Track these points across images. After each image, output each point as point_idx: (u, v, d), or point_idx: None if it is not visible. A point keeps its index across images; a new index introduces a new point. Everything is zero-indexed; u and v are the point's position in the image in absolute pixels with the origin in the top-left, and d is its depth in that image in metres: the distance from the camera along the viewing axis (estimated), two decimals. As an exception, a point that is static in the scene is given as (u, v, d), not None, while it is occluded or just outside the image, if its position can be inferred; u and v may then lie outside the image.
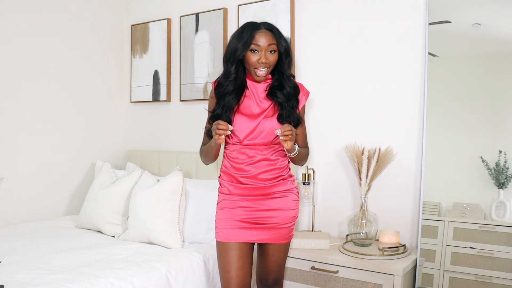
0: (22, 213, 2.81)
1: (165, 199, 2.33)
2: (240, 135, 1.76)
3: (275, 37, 1.74)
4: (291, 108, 1.77)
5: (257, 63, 1.72)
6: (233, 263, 1.75)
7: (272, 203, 1.81)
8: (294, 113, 1.78)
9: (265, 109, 1.77)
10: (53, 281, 1.74)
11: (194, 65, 3.08)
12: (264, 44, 1.71)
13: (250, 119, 1.76)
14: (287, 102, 1.77)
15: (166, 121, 3.27)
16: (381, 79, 2.47)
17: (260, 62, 1.71)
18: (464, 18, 2.25)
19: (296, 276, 2.29)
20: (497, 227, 2.13)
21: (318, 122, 2.65)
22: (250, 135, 1.76)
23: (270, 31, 1.74)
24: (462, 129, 2.28)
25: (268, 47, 1.71)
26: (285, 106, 1.76)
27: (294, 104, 1.79)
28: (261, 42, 1.71)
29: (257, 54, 1.72)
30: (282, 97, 1.77)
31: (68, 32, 3.04)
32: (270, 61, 1.73)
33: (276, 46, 1.74)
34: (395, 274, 2.02)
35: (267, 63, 1.72)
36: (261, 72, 1.74)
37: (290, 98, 1.78)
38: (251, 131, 1.75)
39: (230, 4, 2.94)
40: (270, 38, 1.72)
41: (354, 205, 2.54)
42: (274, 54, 1.74)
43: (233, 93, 1.77)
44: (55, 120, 2.98)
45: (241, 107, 1.78)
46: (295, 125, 1.78)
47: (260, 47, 1.71)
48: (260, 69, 1.73)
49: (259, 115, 1.77)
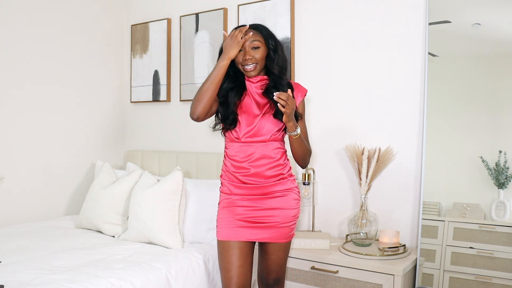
0: (22, 213, 2.81)
1: (165, 199, 2.33)
2: (240, 132, 1.79)
3: (261, 34, 1.80)
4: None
5: (242, 61, 1.78)
6: (233, 262, 1.76)
7: (273, 202, 1.81)
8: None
9: (262, 107, 1.81)
10: (53, 281, 1.74)
11: (194, 65, 3.08)
12: (246, 42, 1.77)
13: (249, 117, 1.80)
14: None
15: (166, 121, 3.27)
16: (381, 79, 2.47)
17: (244, 59, 1.77)
18: (464, 18, 2.25)
19: (296, 276, 2.29)
20: (497, 227, 2.13)
21: (318, 122, 2.65)
22: (249, 133, 1.79)
23: (254, 30, 1.80)
24: (462, 129, 2.28)
25: (250, 44, 1.77)
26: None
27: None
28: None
29: (241, 53, 1.78)
30: None
31: (68, 32, 3.04)
32: (255, 57, 1.77)
33: (260, 43, 1.78)
34: (395, 274, 2.02)
35: (251, 58, 1.77)
36: (248, 67, 1.78)
37: None
38: (250, 129, 1.78)
39: (230, 4, 2.94)
40: (253, 36, 1.78)
41: (354, 205, 2.54)
42: (257, 50, 1.78)
43: (234, 91, 1.83)
44: (55, 120, 2.98)
45: (242, 104, 1.82)
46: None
47: (243, 46, 1.77)
48: (247, 65, 1.78)
49: (257, 113, 1.80)
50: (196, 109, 1.74)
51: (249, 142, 1.79)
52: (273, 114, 1.79)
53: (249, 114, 1.81)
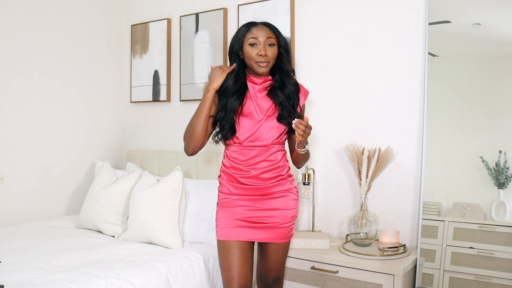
0: (22, 213, 2.81)
1: (165, 199, 2.33)
2: (241, 136, 1.76)
3: (274, 32, 1.76)
4: (291, 107, 1.77)
5: (257, 57, 1.72)
6: (234, 261, 1.76)
7: (272, 203, 1.81)
8: (294, 113, 1.77)
9: (266, 111, 1.77)
10: (53, 281, 1.74)
11: (194, 65, 3.08)
12: (262, 37, 1.72)
13: (251, 121, 1.76)
14: (288, 101, 1.77)
15: (166, 121, 3.27)
16: (381, 79, 2.47)
17: (260, 55, 1.71)
18: (464, 18, 2.25)
19: (296, 276, 2.29)
20: (497, 227, 2.13)
21: (318, 122, 2.64)
22: (251, 137, 1.76)
23: (267, 27, 1.76)
24: (462, 129, 2.28)
25: (267, 40, 1.72)
26: (285, 105, 1.76)
27: (295, 102, 1.79)
28: (259, 35, 1.72)
29: (256, 48, 1.72)
30: (282, 96, 1.77)
31: (68, 33, 3.04)
32: (270, 55, 1.73)
33: (275, 40, 1.74)
34: (395, 274, 2.02)
35: (267, 55, 1.72)
36: (263, 66, 1.73)
37: (290, 97, 1.78)
38: (252, 133, 1.76)
39: (230, 4, 2.94)
40: (268, 32, 1.74)
41: (354, 205, 2.54)
42: (273, 48, 1.74)
43: (235, 95, 1.77)
44: (55, 120, 2.98)
45: (244, 109, 1.78)
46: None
47: (258, 40, 1.72)
48: (261, 63, 1.73)
49: (260, 117, 1.77)
50: (189, 148, 1.79)
51: (251, 146, 1.77)
52: (277, 118, 1.76)
53: (251, 118, 1.77)
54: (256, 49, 1.72)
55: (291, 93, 1.78)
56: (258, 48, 1.72)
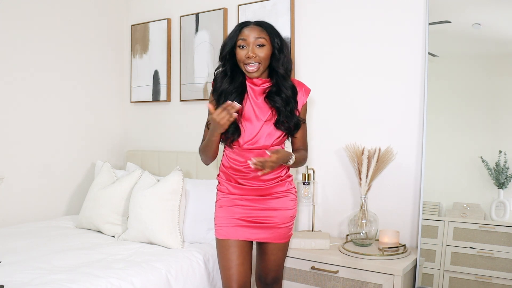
0: (22, 213, 2.81)
1: (165, 199, 2.33)
2: (242, 140, 1.75)
3: (266, 31, 1.71)
4: (289, 112, 1.74)
5: (245, 59, 1.69)
6: (233, 260, 1.76)
7: (271, 203, 1.81)
8: (292, 118, 1.74)
9: (265, 114, 1.75)
10: (53, 281, 1.74)
11: (194, 65, 3.08)
12: (250, 39, 1.68)
13: (251, 124, 1.75)
14: (285, 107, 1.73)
15: (166, 121, 3.27)
16: (381, 79, 2.47)
17: (247, 57, 1.68)
18: (464, 18, 2.25)
19: (296, 276, 2.29)
20: (497, 227, 2.13)
21: (318, 122, 2.65)
22: (251, 140, 1.74)
23: (259, 26, 1.71)
24: (462, 129, 2.28)
25: (255, 40, 1.68)
26: (282, 111, 1.73)
27: (293, 107, 1.76)
28: (248, 37, 1.68)
29: (244, 50, 1.69)
30: (280, 102, 1.73)
31: (68, 32, 3.04)
32: (259, 56, 1.68)
33: (265, 40, 1.69)
34: (395, 274, 2.02)
35: (255, 57, 1.68)
36: (251, 68, 1.69)
37: (288, 102, 1.74)
38: (252, 137, 1.74)
39: (230, 4, 2.94)
40: (258, 32, 1.69)
41: (354, 205, 2.54)
42: (262, 48, 1.69)
43: (234, 94, 1.74)
44: (55, 120, 2.98)
45: (244, 112, 1.75)
46: (294, 129, 1.77)
47: (247, 42, 1.68)
48: (249, 65, 1.69)
49: (259, 122, 1.74)
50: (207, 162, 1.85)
51: (250, 149, 1.75)
52: (274, 124, 1.74)
53: (250, 121, 1.74)
54: (244, 50, 1.69)
55: (288, 98, 1.74)
56: (246, 49, 1.69)
